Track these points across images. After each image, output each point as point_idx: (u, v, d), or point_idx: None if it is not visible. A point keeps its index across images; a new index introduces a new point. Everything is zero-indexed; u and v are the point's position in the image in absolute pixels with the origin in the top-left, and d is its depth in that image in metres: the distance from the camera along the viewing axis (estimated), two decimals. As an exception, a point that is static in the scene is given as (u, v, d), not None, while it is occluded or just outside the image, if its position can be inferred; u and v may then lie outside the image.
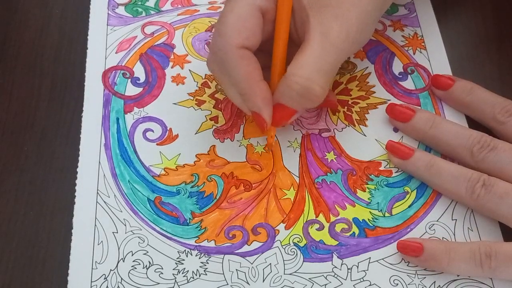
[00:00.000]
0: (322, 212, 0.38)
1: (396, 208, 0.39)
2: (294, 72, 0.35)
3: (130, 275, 0.36)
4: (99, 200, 0.38)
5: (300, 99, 0.35)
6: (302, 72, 0.34)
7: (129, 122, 0.41)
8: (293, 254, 0.37)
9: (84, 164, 0.39)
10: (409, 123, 0.40)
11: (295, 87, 0.35)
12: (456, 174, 0.38)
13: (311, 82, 0.34)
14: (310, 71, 0.34)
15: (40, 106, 0.42)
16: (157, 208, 0.38)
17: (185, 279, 0.36)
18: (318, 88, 0.35)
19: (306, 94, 0.35)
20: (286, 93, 0.35)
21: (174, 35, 0.45)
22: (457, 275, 0.36)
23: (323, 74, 0.35)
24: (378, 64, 0.45)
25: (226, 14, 0.35)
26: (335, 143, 0.41)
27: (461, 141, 0.39)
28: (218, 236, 0.37)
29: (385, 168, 0.40)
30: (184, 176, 0.39)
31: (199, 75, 0.44)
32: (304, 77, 0.34)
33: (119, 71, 0.43)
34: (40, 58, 0.44)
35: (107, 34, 0.45)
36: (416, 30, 0.46)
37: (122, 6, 0.47)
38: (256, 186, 0.39)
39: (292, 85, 0.35)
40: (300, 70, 0.34)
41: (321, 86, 0.35)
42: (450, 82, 0.42)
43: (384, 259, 0.37)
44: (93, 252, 0.36)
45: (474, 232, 0.38)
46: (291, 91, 0.35)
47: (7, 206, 0.38)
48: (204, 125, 0.42)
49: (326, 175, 0.40)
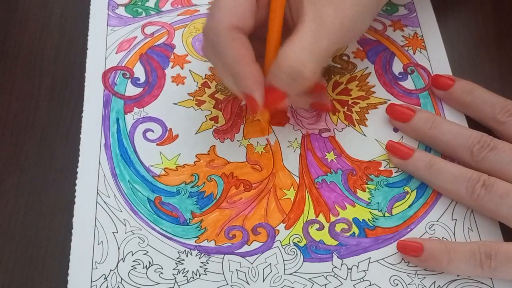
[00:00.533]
0: (322, 212, 0.38)
1: (396, 208, 0.39)
2: (286, 55, 0.35)
3: (130, 275, 0.36)
4: (99, 200, 0.38)
5: (290, 81, 0.35)
6: (293, 55, 0.34)
7: (129, 122, 0.41)
8: (293, 254, 0.37)
9: (84, 164, 0.39)
10: (409, 123, 0.40)
11: (286, 69, 0.34)
12: (456, 174, 0.38)
13: (302, 65, 0.34)
14: (302, 55, 0.34)
15: (40, 106, 0.42)
16: (157, 208, 0.38)
17: (185, 279, 0.36)
18: (308, 71, 0.34)
19: (297, 77, 0.35)
20: (277, 75, 0.35)
21: (174, 35, 0.45)
22: (457, 275, 0.36)
23: (315, 58, 0.35)
24: (378, 64, 0.45)
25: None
26: (335, 143, 0.41)
27: (461, 141, 0.39)
28: (218, 236, 0.37)
29: (385, 168, 0.40)
30: (184, 176, 0.39)
31: (199, 75, 0.44)
32: (296, 59, 0.34)
33: (119, 71, 0.43)
34: (40, 58, 0.44)
35: (107, 35, 0.45)
36: (416, 30, 0.46)
37: (122, 7, 0.47)
38: (256, 186, 0.39)
39: (284, 67, 0.34)
40: (292, 52, 0.34)
41: (311, 69, 0.35)
42: (450, 82, 0.42)
43: (384, 259, 0.37)
44: (93, 252, 0.36)
45: (474, 232, 0.38)
46: (282, 73, 0.35)
47: (7, 206, 0.38)
48: (204, 125, 0.42)
49: (326, 175, 0.40)
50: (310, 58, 0.34)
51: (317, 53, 0.35)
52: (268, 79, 0.36)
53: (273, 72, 0.35)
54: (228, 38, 0.34)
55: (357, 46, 0.45)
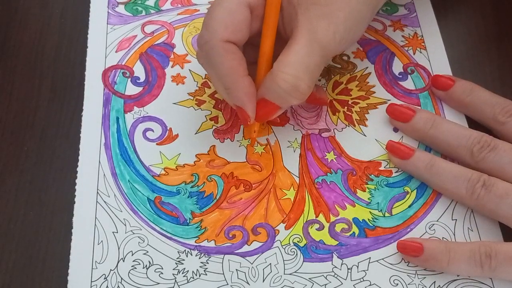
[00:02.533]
0: (322, 212, 0.38)
1: (396, 208, 0.39)
2: (281, 69, 0.35)
3: (130, 275, 0.36)
4: (99, 200, 0.38)
5: (286, 96, 0.35)
6: (289, 70, 0.35)
7: (129, 121, 0.41)
8: (293, 254, 0.37)
9: (84, 164, 0.39)
10: (409, 123, 0.40)
11: (281, 84, 0.35)
12: (456, 174, 0.38)
13: (298, 80, 0.35)
14: (297, 69, 0.35)
15: (40, 106, 0.42)
16: (157, 208, 0.38)
17: (185, 279, 0.36)
18: (304, 85, 0.35)
19: (293, 91, 0.35)
20: (272, 89, 0.35)
21: (174, 35, 0.45)
22: (457, 275, 0.36)
23: (309, 72, 0.35)
24: (378, 64, 0.45)
25: (215, 8, 0.35)
26: (335, 143, 0.41)
27: (461, 141, 0.39)
28: (218, 236, 0.37)
29: (385, 168, 0.40)
30: (184, 176, 0.39)
31: (199, 75, 0.44)
32: (291, 74, 0.35)
33: (119, 70, 0.43)
34: (40, 58, 0.44)
35: (107, 33, 0.45)
36: (416, 30, 0.46)
37: (122, 5, 0.47)
38: (256, 186, 0.39)
39: (279, 82, 0.35)
40: (287, 67, 0.35)
41: (306, 83, 0.35)
42: (450, 82, 0.42)
43: (384, 259, 0.37)
44: (93, 252, 0.36)
45: (474, 232, 0.38)
46: (278, 87, 0.35)
47: (7, 206, 0.38)
48: (204, 125, 0.41)
49: (326, 175, 0.40)
50: (305, 73, 0.35)
51: (312, 67, 0.35)
52: (261, 93, 0.36)
53: (267, 86, 0.35)
54: (221, 50, 0.35)
55: (357, 46, 0.45)
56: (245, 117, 0.36)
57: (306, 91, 0.35)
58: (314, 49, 0.35)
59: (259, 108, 0.36)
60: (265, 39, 0.36)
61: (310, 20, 0.35)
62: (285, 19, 0.37)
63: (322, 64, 0.36)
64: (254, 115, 0.36)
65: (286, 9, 0.36)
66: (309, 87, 0.35)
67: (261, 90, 0.36)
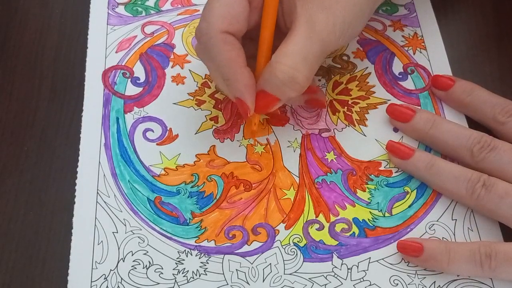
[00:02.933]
0: (322, 212, 0.38)
1: (396, 208, 0.39)
2: (279, 60, 0.35)
3: (130, 275, 0.36)
4: (99, 200, 0.38)
5: (283, 87, 0.35)
6: (287, 61, 0.35)
7: (129, 122, 0.41)
8: (293, 254, 0.37)
9: (84, 164, 0.39)
10: (409, 123, 0.40)
11: (279, 75, 0.35)
12: (456, 174, 0.38)
13: (296, 71, 0.35)
14: (295, 60, 0.35)
15: (40, 106, 0.42)
16: (157, 208, 0.38)
17: (185, 279, 0.36)
18: (301, 77, 0.35)
19: (290, 82, 0.35)
20: (270, 81, 0.35)
21: (174, 35, 0.45)
22: (457, 275, 0.36)
23: (308, 63, 0.35)
24: (378, 64, 0.45)
25: (213, 0, 0.35)
26: (335, 143, 0.41)
27: (461, 141, 0.39)
28: (218, 236, 0.37)
29: (385, 168, 0.40)
30: (184, 176, 0.39)
31: (199, 75, 0.44)
32: (289, 65, 0.35)
33: (119, 70, 0.43)
34: (40, 58, 0.44)
35: (107, 34, 0.45)
36: (416, 30, 0.46)
37: (122, 6, 0.47)
38: (256, 186, 0.39)
39: (277, 73, 0.35)
40: (285, 58, 0.35)
41: (304, 75, 0.35)
42: (450, 82, 0.42)
43: (384, 259, 0.37)
44: (93, 252, 0.36)
45: (474, 232, 0.38)
46: (275, 78, 0.35)
47: (7, 206, 0.38)
48: (204, 125, 0.42)
49: (326, 175, 0.40)
50: (303, 64, 0.35)
51: (310, 58, 0.35)
52: (260, 84, 0.36)
53: (266, 77, 0.35)
54: (220, 42, 0.35)
55: (357, 46, 0.45)
56: (245, 108, 0.36)
57: (304, 82, 0.35)
58: (313, 40, 0.35)
59: (259, 99, 0.36)
60: (264, 31, 0.36)
61: (309, 12, 0.35)
62: (285, 12, 0.37)
63: (321, 57, 0.36)
64: (253, 107, 0.36)
65: (286, 1, 0.36)
66: (307, 78, 0.35)
67: (260, 81, 0.36)
